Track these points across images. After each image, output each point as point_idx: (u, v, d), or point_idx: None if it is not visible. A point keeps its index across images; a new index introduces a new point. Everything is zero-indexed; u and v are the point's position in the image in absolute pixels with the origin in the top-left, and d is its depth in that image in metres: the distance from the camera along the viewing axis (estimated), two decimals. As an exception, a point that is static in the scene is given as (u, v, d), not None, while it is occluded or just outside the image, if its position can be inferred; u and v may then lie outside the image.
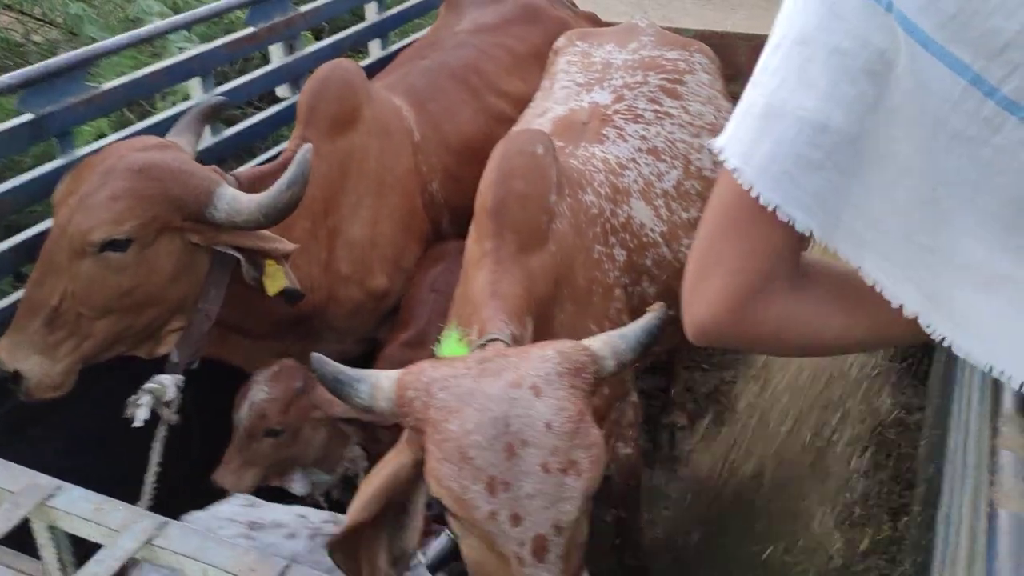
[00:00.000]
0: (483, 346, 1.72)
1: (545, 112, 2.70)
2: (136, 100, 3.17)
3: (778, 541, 2.94)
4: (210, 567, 1.30)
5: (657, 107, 2.67)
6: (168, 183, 2.17)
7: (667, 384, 3.55)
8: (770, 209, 1.01)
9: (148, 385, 2.24)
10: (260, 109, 3.35)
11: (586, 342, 1.58)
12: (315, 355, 1.52)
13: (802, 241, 1.08)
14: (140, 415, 2.20)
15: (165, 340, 2.33)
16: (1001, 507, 0.82)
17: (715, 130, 2.71)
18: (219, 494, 2.19)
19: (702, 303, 1.11)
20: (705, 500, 3.15)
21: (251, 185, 2.41)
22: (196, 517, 2.03)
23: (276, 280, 2.30)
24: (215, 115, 2.64)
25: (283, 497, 2.31)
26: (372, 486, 1.57)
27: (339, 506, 2.45)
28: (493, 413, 1.41)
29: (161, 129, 2.74)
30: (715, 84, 2.95)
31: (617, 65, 2.83)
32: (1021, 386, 0.98)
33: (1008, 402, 0.99)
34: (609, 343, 1.58)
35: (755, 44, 3.59)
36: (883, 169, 1.02)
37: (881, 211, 1.03)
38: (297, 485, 2.40)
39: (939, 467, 1.82)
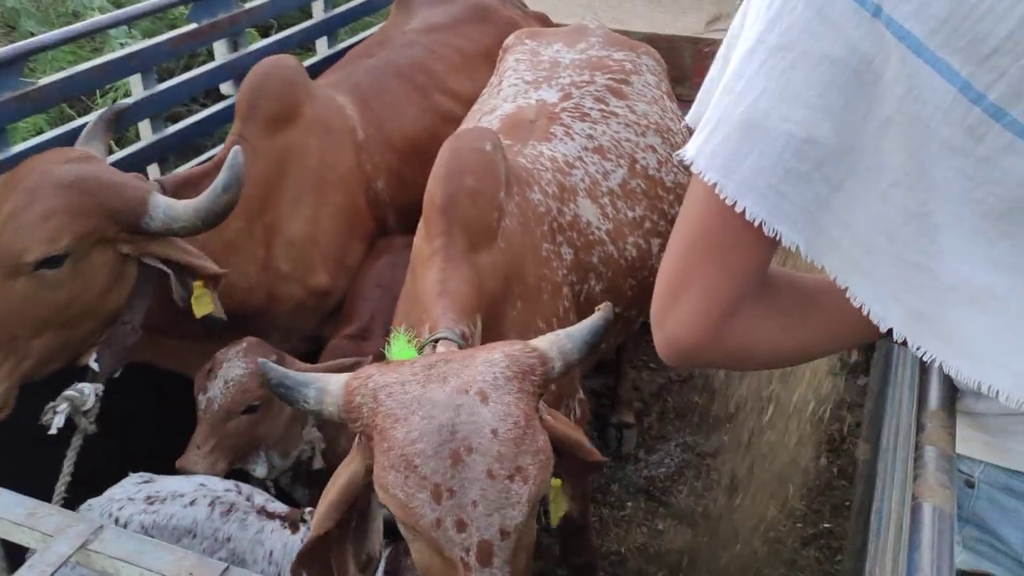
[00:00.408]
0: (433, 344, 1.71)
1: (494, 109, 2.70)
2: (75, 96, 3.11)
3: (723, 535, 2.99)
4: (147, 571, 1.27)
5: (603, 106, 2.69)
6: (101, 195, 2.12)
7: (615, 383, 3.58)
8: (756, 224, 0.99)
9: (67, 392, 2.18)
10: (205, 106, 3.30)
11: (534, 343, 1.57)
12: (262, 361, 1.51)
13: (772, 254, 1.07)
14: (57, 422, 2.14)
15: (86, 351, 2.27)
16: (924, 500, 0.84)
17: (660, 130, 2.75)
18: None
19: (678, 324, 1.08)
20: (652, 498, 3.18)
21: (178, 189, 2.38)
22: (92, 504, 2.01)
23: (203, 304, 2.28)
24: (119, 121, 2.55)
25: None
26: (330, 496, 1.55)
27: (286, 496, 2.44)
28: (439, 420, 1.40)
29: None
30: (661, 85, 2.98)
31: (565, 64, 2.85)
32: (1008, 398, 0.99)
33: (933, 399, 1.02)
34: (556, 343, 1.57)
35: (701, 47, 3.66)
36: (873, 182, 0.99)
37: (870, 227, 1.00)
38: (259, 467, 2.36)
39: (874, 464, 1.87)
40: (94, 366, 2.25)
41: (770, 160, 0.97)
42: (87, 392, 2.20)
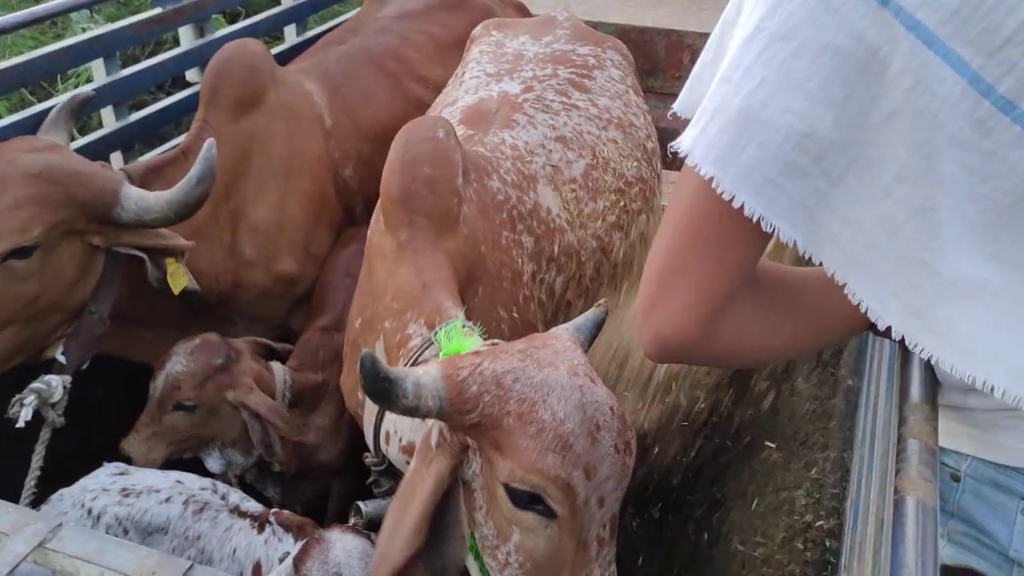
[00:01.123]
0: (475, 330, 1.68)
1: (455, 101, 2.68)
2: (35, 81, 3.03)
3: (697, 526, 2.98)
4: (108, 570, 1.23)
5: (565, 99, 2.67)
6: (72, 186, 2.08)
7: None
8: (754, 219, 0.96)
9: (35, 384, 2.14)
10: (170, 94, 3.23)
11: (561, 333, 1.59)
12: (366, 352, 1.39)
13: (765, 248, 1.05)
14: (24, 415, 2.10)
15: (52, 344, 2.23)
16: (907, 494, 0.83)
17: (622, 124, 2.73)
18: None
19: (666, 320, 1.05)
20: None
21: (145, 178, 2.34)
22: (63, 494, 1.98)
23: (179, 279, 2.26)
24: (82, 110, 2.47)
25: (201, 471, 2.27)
26: (414, 511, 1.45)
27: (250, 489, 2.40)
28: (573, 401, 1.41)
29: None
30: (626, 80, 2.97)
31: (528, 57, 2.82)
32: (1005, 394, 0.97)
33: (915, 391, 1.01)
34: (573, 336, 1.60)
35: (673, 39, 3.65)
36: (876, 177, 0.96)
37: (871, 222, 0.97)
38: (212, 462, 2.35)
39: (848, 455, 1.87)
40: (61, 358, 2.21)
41: (769, 153, 0.94)
42: (55, 384, 2.15)
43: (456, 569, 1.57)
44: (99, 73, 2.74)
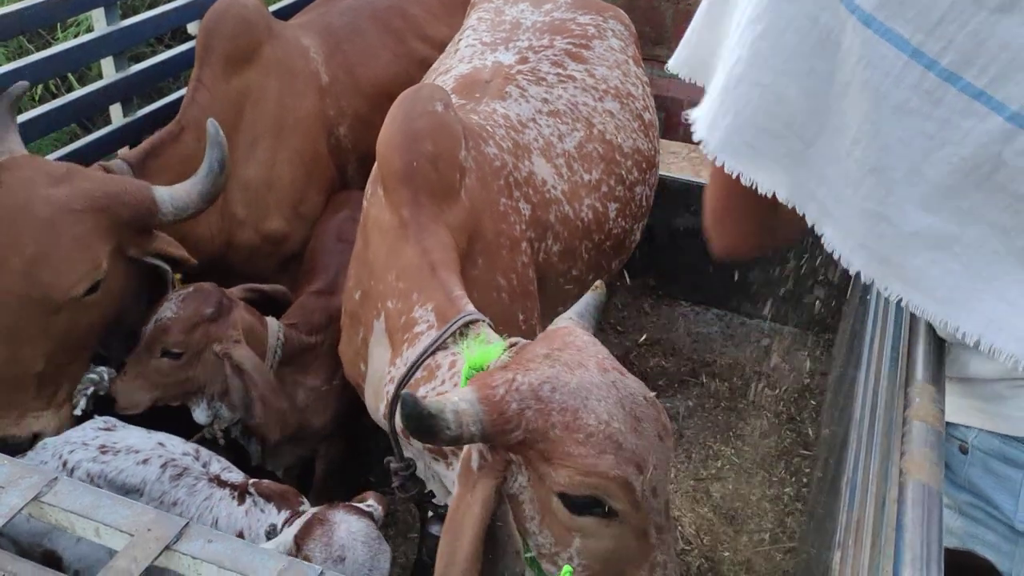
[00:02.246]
0: (485, 335, 1.69)
1: (449, 70, 2.64)
2: (33, 29, 2.97)
3: (684, 495, 3.01)
4: (103, 525, 1.23)
5: (560, 70, 2.63)
6: (115, 209, 2.09)
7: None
8: (733, 176, 1.13)
9: (90, 375, 2.20)
10: (171, 47, 3.18)
11: (571, 326, 1.60)
12: (408, 393, 1.37)
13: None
14: (82, 404, 2.18)
15: None
16: (912, 477, 0.82)
17: (619, 95, 2.70)
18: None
19: (725, 237, 1.32)
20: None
21: (146, 164, 2.39)
22: (47, 443, 1.97)
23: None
24: (19, 101, 2.37)
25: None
26: (467, 540, 1.43)
27: (236, 446, 2.40)
28: (611, 399, 1.41)
29: (61, 61, 2.59)
30: (626, 50, 2.92)
31: (526, 26, 2.78)
32: (979, 343, 1.05)
33: (920, 373, 1.01)
34: (579, 324, 1.61)
35: (682, 8, 3.60)
36: (839, 140, 1.09)
37: (838, 179, 1.10)
38: (199, 412, 2.31)
39: (844, 434, 1.87)
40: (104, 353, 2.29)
41: (743, 120, 1.11)
42: (105, 375, 2.22)
43: None
44: (99, 22, 2.70)
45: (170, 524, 1.23)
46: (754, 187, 1.14)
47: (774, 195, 1.16)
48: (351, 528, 1.65)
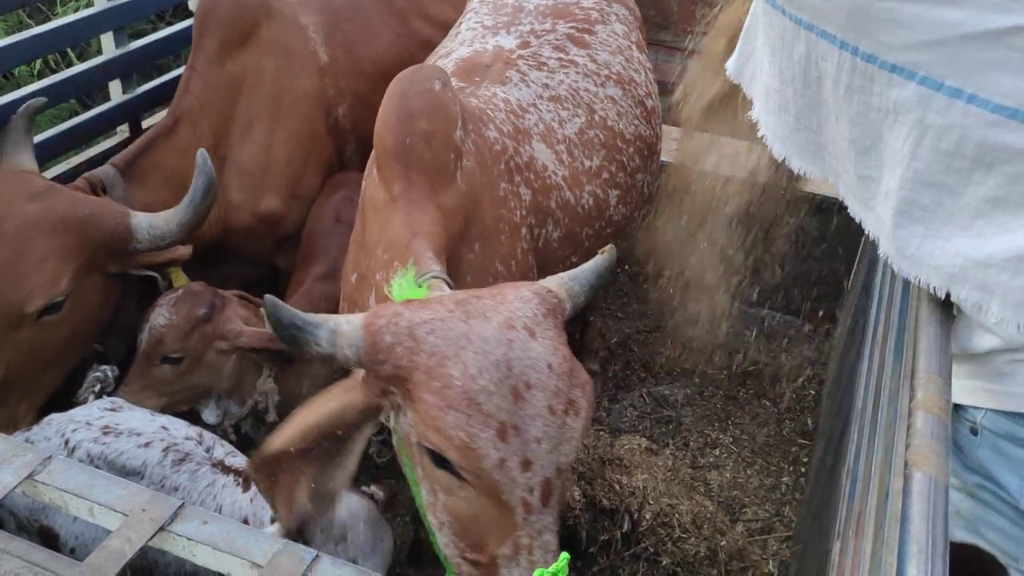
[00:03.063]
0: (428, 282, 1.62)
1: (449, 53, 2.61)
2: (32, 4, 2.94)
3: (680, 485, 3.00)
4: (96, 505, 1.22)
5: (562, 55, 2.60)
6: (87, 231, 2.10)
7: (580, 330, 3.56)
8: (780, 160, 1.47)
9: (96, 374, 2.21)
10: (172, 23, 3.15)
11: (547, 283, 1.54)
12: (269, 297, 1.37)
13: None
14: (92, 400, 2.17)
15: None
16: (918, 469, 0.81)
17: (621, 81, 2.67)
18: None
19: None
20: (612, 438, 3.18)
21: (136, 165, 2.40)
22: (53, 419, 1.96)
23: (180, 279, 2.33)
24: (37, 116, 2.41)
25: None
26: (309, 419, 1.45)
27: (248, 440, 2.39)
28: (494, 356, 1.34)
29: (61, 36, 2.57)
30: (630, 36, 2.89)
31: (528, 10, 2.74)
32: (936, 290, 1.19)
33: (927, 365, 0.99)
34: (564, 286, 1.54)
35: (688, -7, 3.56)
36: (831, 122, 1.32)
37: (840, 155, 1.33)
38: (207, 413, 2.30)
39: (844, 424, 1.86)
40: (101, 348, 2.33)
41: (775, 118, 1.45)
42: (109, 373, 2.23)
43: (330, 498, 1.51)
44: (99, -2, 2.67)
45: (165, 505, 1.22)
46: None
47: None
48: (352, 508, 1.63)
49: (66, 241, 2.06)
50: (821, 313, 3.79)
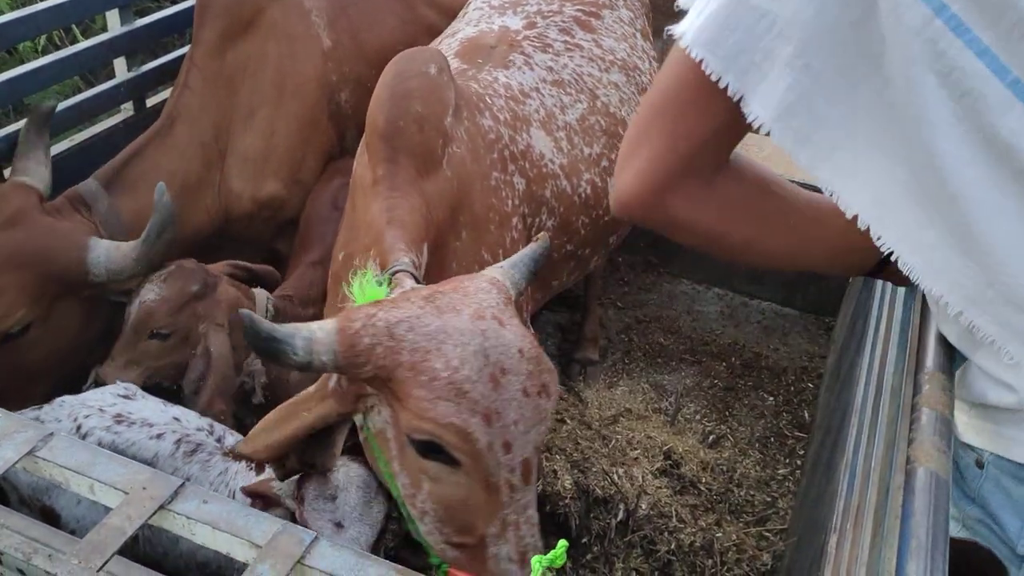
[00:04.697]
0: (391, 279, 1.64)
1: (455, 33, 2.60)
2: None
3: (681, 476, 3.01)
4: (97, 483, 1.22)
5: (568, 38, 2.59)
6: (40, 265, 2.13)
7: (581, 319, 3.56)
8: (735, 99, 1.01)
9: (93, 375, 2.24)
10: (175, 2, 3.14)
11: (490, 273, 1.57)
12: (244, 312, 1.40)
13: (732, 139, 1.11)
14: None
15: None
16: (920, 464, 0.81)
17: (626, 67, 2.65)
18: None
19: (627, 178, 1.14)
20: (609, 427, 3.19)
21: (121, 176, 2.39)
22: (65, 400, 1.96)
23: None
24: (49, 119, 2.41)
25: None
26: (284, 431, 1.50)
27: (235, 420, 2.39)
28: (472, 347, 1.39)
29: (66, 12, 2.55)
30: (635, 23, 2.87)
31: None
32: (903, 264, 1.03)
33: (930, 360, 0.99)
34: (506, 274, 1.58)
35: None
36: (864, 86, 1.01)
37: (838, 120, 1.03)
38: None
39: (842, 417, 1.86)
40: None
41: (753, 37, 1.00)
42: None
43: (322, 466, 1.60)
44: (106, -26, 2.66)
45: (165, 483, 1.22)
46: (753, 121, 1.03)
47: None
48: (349, 472, 1.65)
49: (18, 277, 2.11)
50: (822, 306, 3.80)
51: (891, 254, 1.06)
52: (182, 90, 2.54)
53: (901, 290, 1.44)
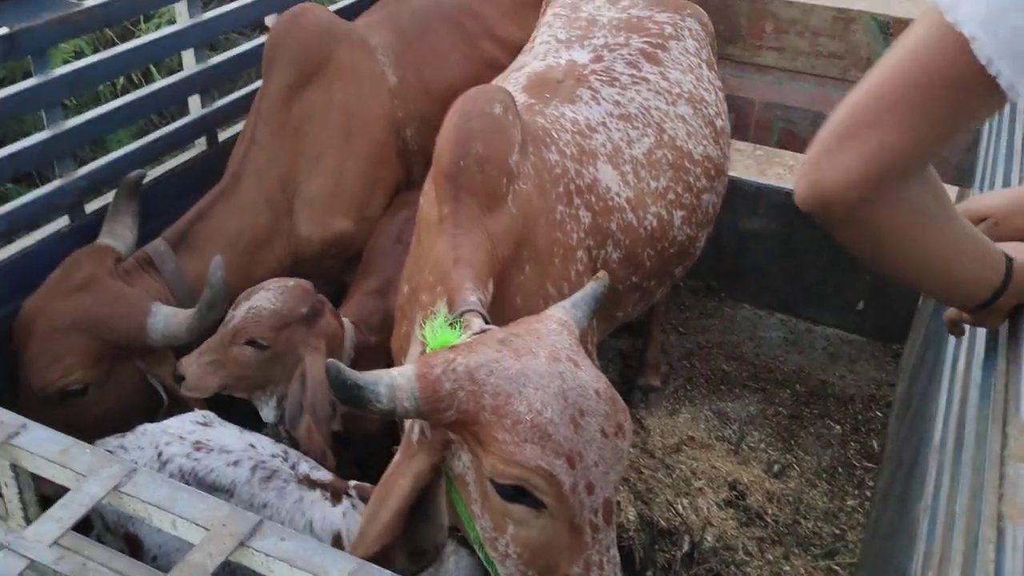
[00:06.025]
0: (461, 320, 1.65)
1: (523, 67, 2.62)
2: (118, 20, 3.04)
3: (748, 506, 2.97)
4: (179, 518, 1.26)
5: (635, 71, 2.60)
6: (99, 331, 2.25)
7: (643, 345, 3.54)
8: (1003, 88, 0.88)
9: None
10: (250, 38, 3.23)
11: (556, 314, 1.58)
12: (331, 361, 1.43)
13: (966, 133, 1.05)
14: None
15: None
16: (1011, 522, 0.79)
17: (692, 100, 2.65)
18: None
19: (836, 166, 0.97)
20: (672, 456, 3.16)
21: (188, 237, 2.47)
22: (147, 428, 2.00)
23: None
24: (138, 187, 2.49)
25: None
26: (391, 506, 1.51)
27: (296, 444, 2.42)
28: (552, 389, 1.40)
29: (144, 53, 2.64)
30: (701, 53, 2.87)
31: (602, 23, 2.74)
32: None
33: (1021, 409, 0.97)
34: (569, 313, 1.60)
35: (757, 7, 3.53)
36: None
37: None
38: (267, 411, 2.31)
39: (916, 454, 1.82)
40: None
41: None
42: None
43: (435, 550, 1.59)
44: (182, 14, 2.74)
45: (244, 520, 1.25)
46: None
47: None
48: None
49: (81, 340, 2.24)
50: (890, 333, 3.72)
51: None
52: (249, 145, 2.58)
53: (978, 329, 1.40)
